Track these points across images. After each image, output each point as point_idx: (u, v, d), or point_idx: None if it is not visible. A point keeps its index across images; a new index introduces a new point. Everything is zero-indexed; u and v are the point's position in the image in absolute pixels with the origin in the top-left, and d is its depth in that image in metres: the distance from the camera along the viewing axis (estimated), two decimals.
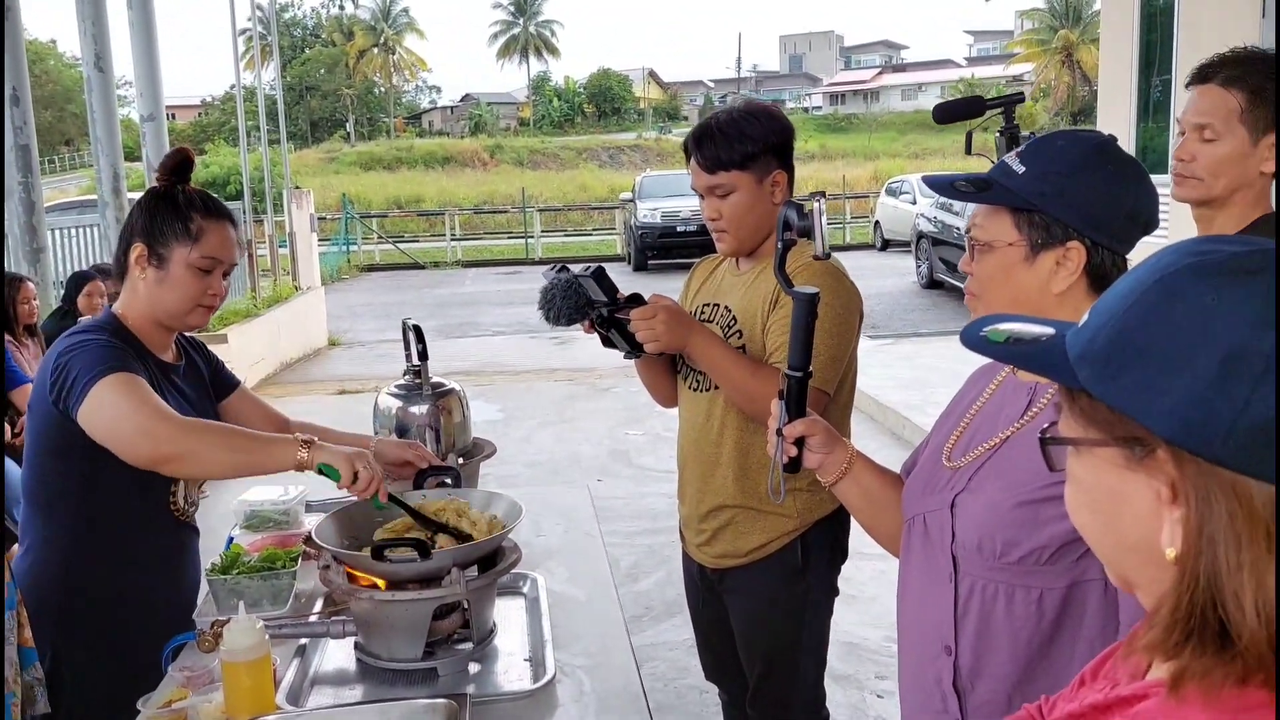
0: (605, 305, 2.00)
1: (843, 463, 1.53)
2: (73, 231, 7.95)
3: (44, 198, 5.49)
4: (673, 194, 17.19)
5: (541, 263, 19.91)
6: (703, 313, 2.23)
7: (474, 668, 1.77)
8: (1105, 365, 0.69)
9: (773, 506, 2.11)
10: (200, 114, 57.85)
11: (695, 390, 2.22)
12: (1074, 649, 1.29)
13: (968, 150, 2.25)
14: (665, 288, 2.28)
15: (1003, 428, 1.37)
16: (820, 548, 2.19)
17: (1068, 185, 1.32)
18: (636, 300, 2.01)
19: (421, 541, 1.70)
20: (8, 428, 4.23)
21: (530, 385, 8.93)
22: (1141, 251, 0.95)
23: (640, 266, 17.74)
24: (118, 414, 1.78)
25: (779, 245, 1.63)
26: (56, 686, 1.82)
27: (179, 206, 1.96)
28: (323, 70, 60.08)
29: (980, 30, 78.12)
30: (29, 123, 4.73)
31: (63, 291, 5.26)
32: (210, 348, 2.28)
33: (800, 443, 1.50)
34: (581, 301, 2.01)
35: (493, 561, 1.83)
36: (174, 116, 53.70)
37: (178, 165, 2.01)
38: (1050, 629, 1.30)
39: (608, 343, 2.11)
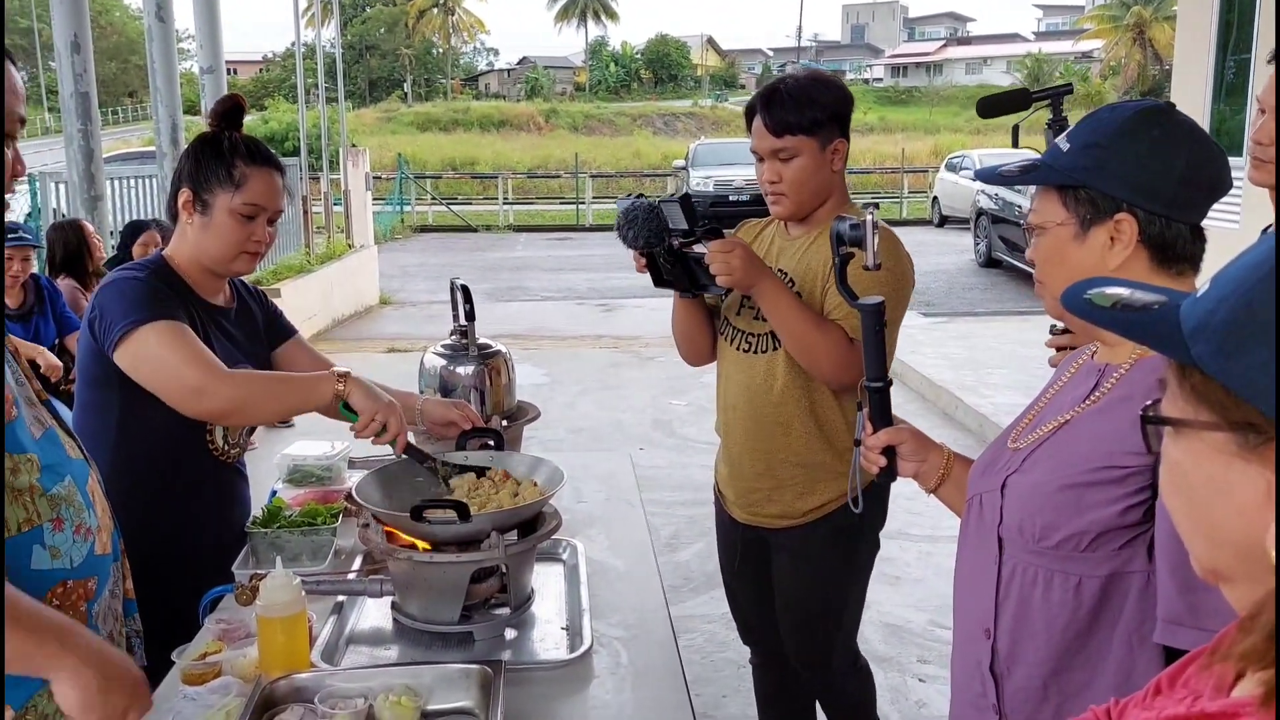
0: (684, 233, 2.01)
1: (939, 467, 1.51)
2: (132, 181, 8.03)
3: (107, 148, 5.55)
4: (726, 163, 17.01)
5: (593, 229, 19.90)
6: None
7: (510, 633, 1.74)
8: (1224, 341, 0.62)
9: (841, 466, 2.13)
10: (261, 70, 58.41)
11: (746, 352, 2.21)
12: (1111, 641, 1.27)
13: (1014, 144, 2.18)
14: None
15: (1067, 410, 1.34)
16: (871, 503, 2.17)
17: (1109, 156, 1.28)
18: (714, 233, 2.00)
19: (461, 504, 1.67)
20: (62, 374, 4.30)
21: (576, 351, 8.91)
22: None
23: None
24: (164, 366, 1.79)
25: (835, 259, 1.61)
26: None
27: (223, 153, 1.95)
28: (382, 29, 60.24)
29: (1050, 4, 76.17)
30: (89, 70, 4.75)
31: (118, 240, 5.32)
32: None
33: (891, 451, 1.49)
34: (660, 226, 2.02)
35: (533, 527, 1.79)
36: (235, 72, 54.25)
37: (228, 111, 2.00)
38: (1088, 618, 1.28)
39: (659, 280, 2.13)
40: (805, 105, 2.07)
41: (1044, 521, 1.28)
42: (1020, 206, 12.13)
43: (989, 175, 1.42)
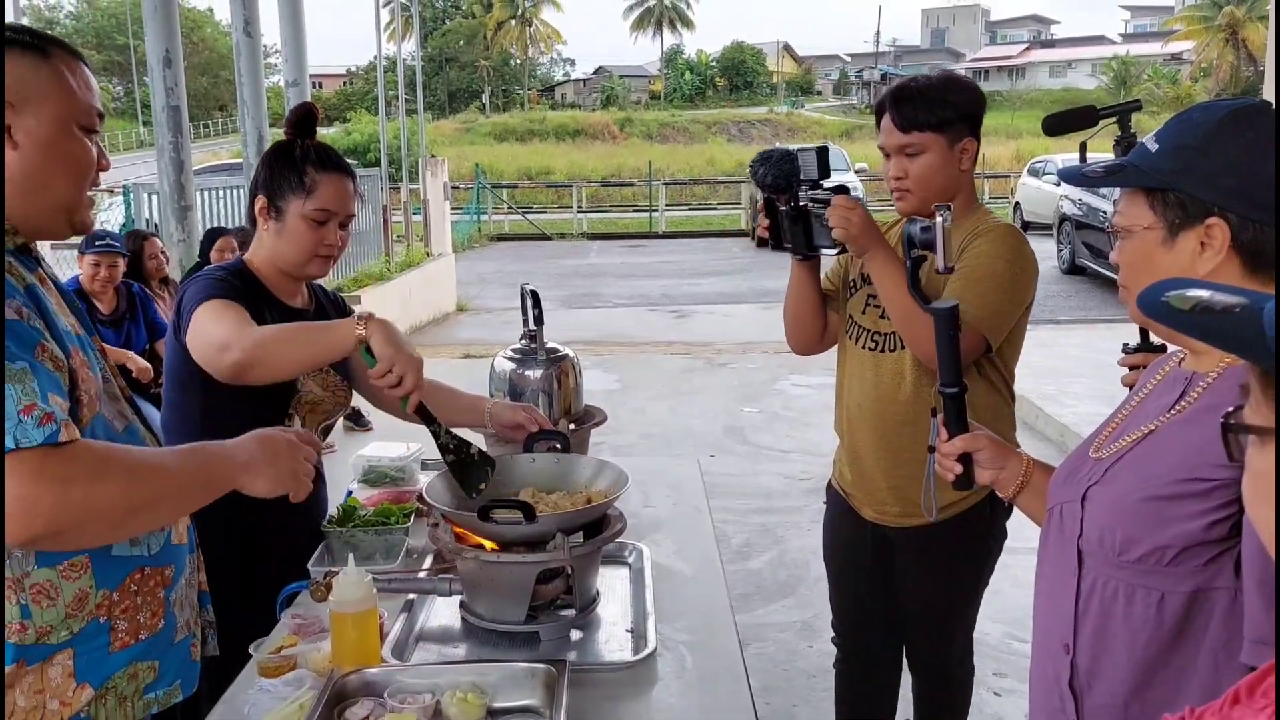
0: (813, 183, 2.06)
1: (1018, 475, 1.47)
2: (221, 192, 8.31)
3: (198, 160, 5.75)
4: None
5: (666, 236, 19.93)
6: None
7: (575, 634, 1.76)
8: None
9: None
10: (345, 83, 59.81)
11: (872, 350, 2.24)
12: (1196, 660, 1.23)
13: (1081, 162, 2.13)
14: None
15: (1151, 420, 1.30)
16: (1001, 502, 2.18)
17: (1200, 157, 1.23)
18: (841, 190, 2.05)
19: (527, 504, 1.68)
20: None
21: (648, 357, 8.93)
22: None
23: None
24: (204, 332, 1.85)
25: (908, 263, 1.60)
26: None
27: (295, 160, 2.00)
28: (462, 42, 61.27)
29: (1138, 6, 74.07)
30: (180, 84, 4.93)
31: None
32: None
33: (967, 458, 1.46)
34: (792, 171, 2.07)
35: (598, 529, 1.81)
36: (320, 85, 55.71)
37: (300, 119, 2.05)
38: (1170, 635, 1.24)
39: (776, 240, 2.18)
40: (935, 103, 2.10)
41: (1125, 534, 1.24)
42: (1105, 212, 11.80)
43: (1072, 176, 1.39)
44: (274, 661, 1.59)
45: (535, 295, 2.43)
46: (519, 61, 63.93)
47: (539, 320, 2.43)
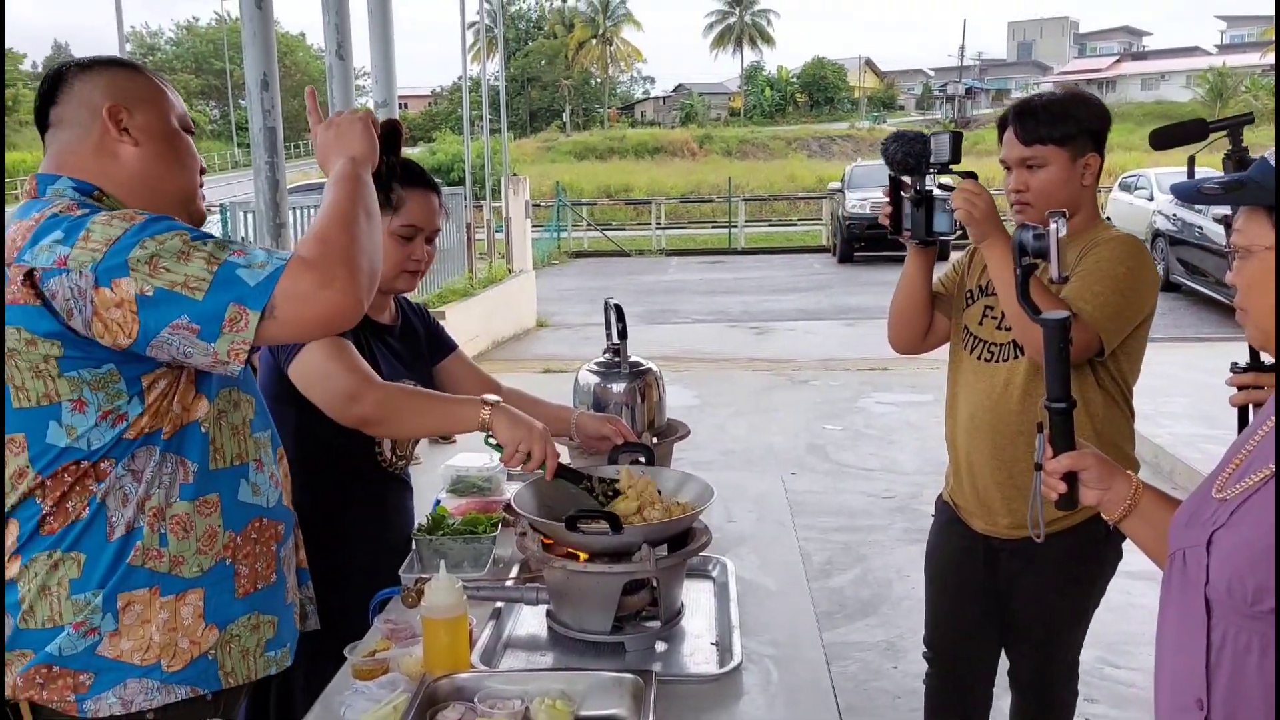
0: (942, 166, 2.09)
1: (1126, 498, 1.41)
2: (311, 211, 8.56)
3: (288, 179, 5.93)
4: (883, 185, 16.65)
5: (745, 252, 19.89)
6: (994, 288, 2.22)
7: (660, 646, 1.76)
8: None
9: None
10: (430, 104, 61.10)
11: (988, 361, 2.25)
12: None
13: (1190, 178, 2.06)
14: (873, 280, 2.27)
15: (1276, 457, 1.21)
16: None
17: None
18: (971, 176, 2.09)
19: (613, 515, 1.70)
20: None
21: (727, 374, 8.91)
22: None
23: (846, 258, 17.37)
24: (325, 375, 1.90)
25: (1018, 271, 1.57)
26: None
27: (381, 177, 2.02)
28: (543, 62, 62.16)
29: (1235, 15, 71.69)
30: (276, 106, 5.09)
31: None
32: None
33: (1072, 477, 1.41)
34: (922, 153, 2.10)
35: (683, 541, 1.81)
36: (405, 106, 56.95)
37: (386, 136, 2.08)
38: None
39: (895, 226, 2.19)
40: (1059, 118, 2.11)
41: (1256, 583, 1.15)
42: (1201, 228, 11.43)
43: (1186, 192, 1.33)
44: (368, 664, 1.63)
45: (619, 310, 2.45)
46: (599, 80, 64.58)
47: (623, 334, 2.45)
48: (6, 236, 1.37)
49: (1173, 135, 2.04)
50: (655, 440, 2.36)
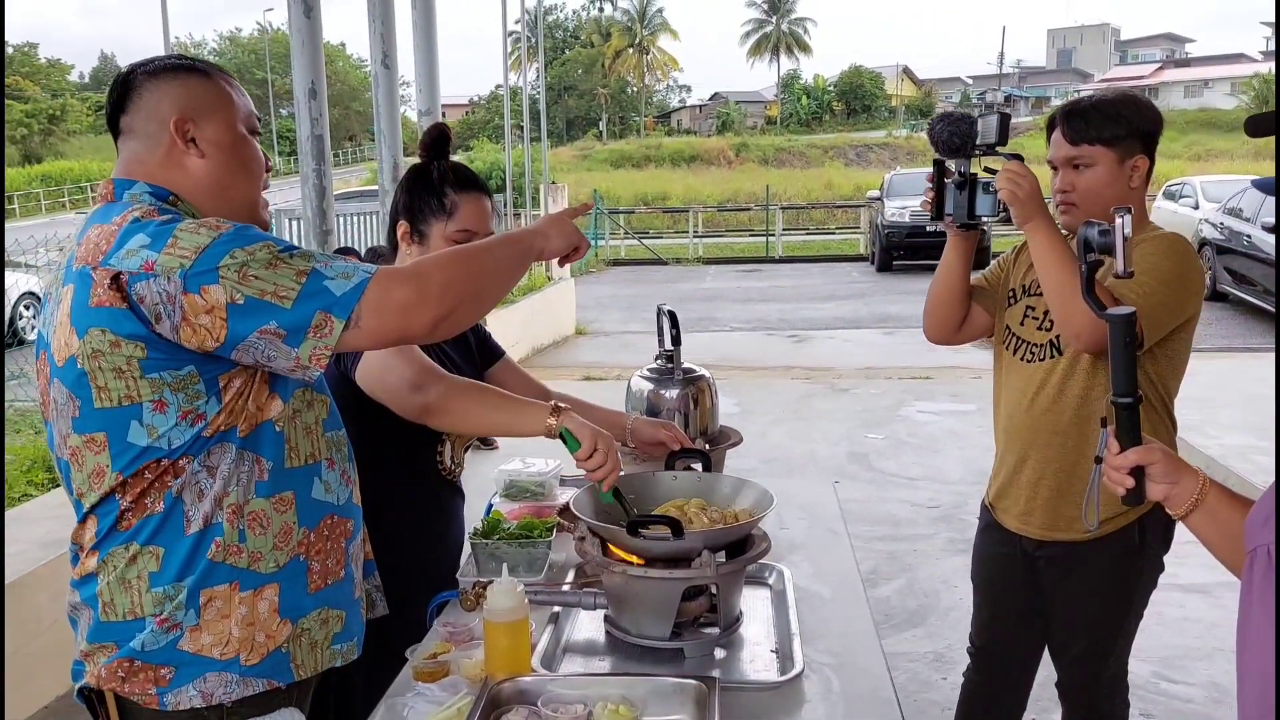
0: (989, 147, 2.07)
1: (1193, 493, 1.39)
2: (354, 218, 8.66)
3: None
4: (922, 193, 16.55)
5: (782, 260, 19.82)
6: (1037, 289, 2.22)
7: (719, 653, 1.76)
8: None
9: None
10: (468, 113, 61.55)
11: (1027, 361, 2.25)
12: None
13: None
14: (912, 288, 2.27)
15: None
16: (1156, 524, 2.18)
17: None
18: (1018, 158, 2.07)
19: (675, 520, 1.70)
20: None
21: (767, 382, 8.88)
22: None
23: (884, 266, 17.26)
24: (389, 368, 1.91)
25: (1083, 267, 1.54)
26: None
27: (433, 183, 2.03)
28: (580, 70, 62.46)
29: None
30: (324, 115, 5.15)
31: None
32: None
33: (1139, 472, 1.39)
34: (969, 134, 2.08)
35: (742, 548, 1.81)
36: (444, 115, 57.36)
37: (435, 141, 2.09)
38: None
39: (938, 210, 2.19)
40: (1108, 119, 2.10)
41: None
42: (1249, 236, 11.25)
43: (1268, 186, 1.34)
44: (429, 666, 1.64)
45: (673, 315, 2.45)
46: (635, 89, 64.75)
47: (675, 340, 2.45)
48: (87, 239, 1.40)
49: (1269, 123, 2.01)
50: (708, 446, 2.35)
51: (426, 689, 1.58)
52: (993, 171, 2.11)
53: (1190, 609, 4.02)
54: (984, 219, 2.15)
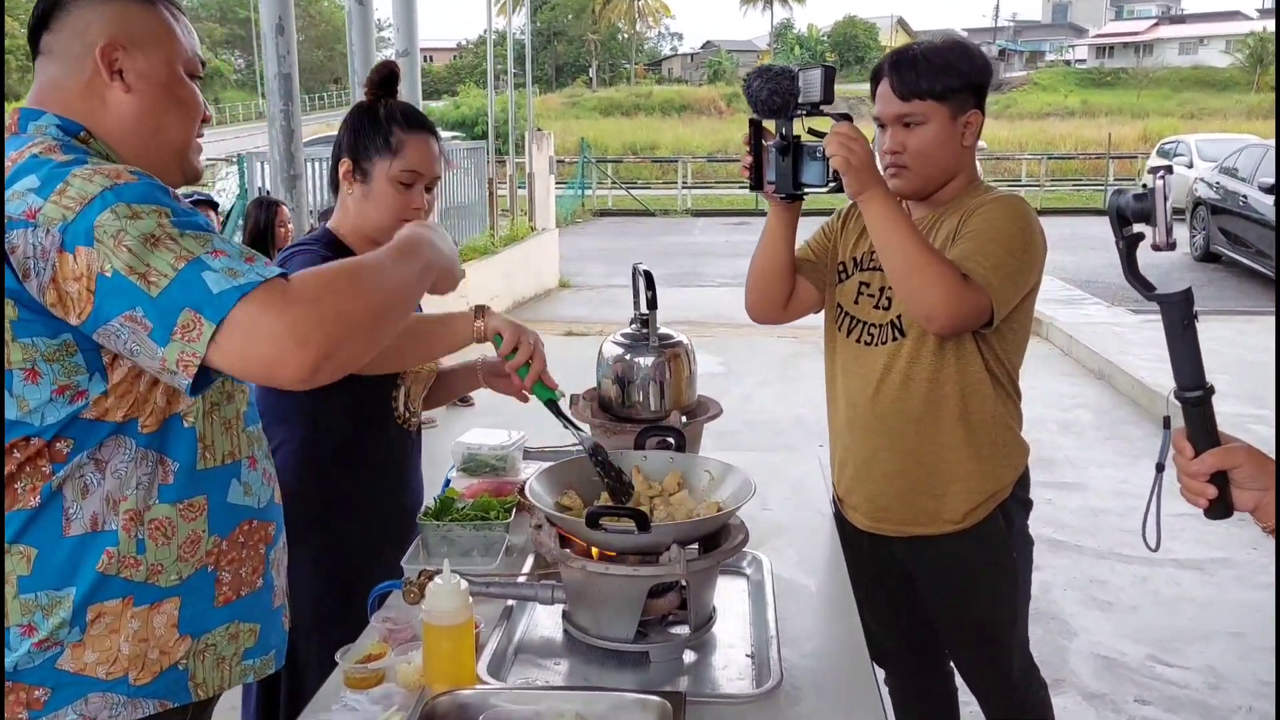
0: (814, 106, 1.84)
1: None
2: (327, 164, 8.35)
3: (312, 131, 5.76)
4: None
5: None
6: (871, 261, 2.04)
7: (689, 656, 1.58)
8: None
9: (982, 468, 1.99)
10: (455, 57, 60.57)
11: (867, 345, 2.05)
12: None
13: None
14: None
15: None
16: (1015, 502, 2.04)
17: None
18: (847, 119, 1.85)
19: (640, 513, 1.51)
20: None
21: (752, 340, 8.68)
22: None
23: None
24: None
25: (1121, 243, 1.28)
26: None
27: (380, 121, 1.92)
28: (570, 15, 61.41)
29: None
30: (292, 52, 4.89)
31: (317, 219, 5.49)
32: None
33: (1221, 479, 1.18)
34: (790, 91, 1.85)
35: (716, 540, 1.62)
36: (430, 59, 56.51)
37: (383, 79, 1.96)
38: None
39: (757, 178, 1.99)
40: (939, 70, 1.90)
41: None
42: (1245, 197, 11.06)
43: None
44: (361, 672, 1.46)
45: (649, 276, 2.24)
46: (626, 36, 63.76)
47: (651, 303, 2.24)
48: None
49: None
50: (684, 420, 2.16)
51: (355, 700, 1.40)
52: (817, 134, 1.88)
53: (1185, 586, 3.89)
54: (811, 188, 1.92)
